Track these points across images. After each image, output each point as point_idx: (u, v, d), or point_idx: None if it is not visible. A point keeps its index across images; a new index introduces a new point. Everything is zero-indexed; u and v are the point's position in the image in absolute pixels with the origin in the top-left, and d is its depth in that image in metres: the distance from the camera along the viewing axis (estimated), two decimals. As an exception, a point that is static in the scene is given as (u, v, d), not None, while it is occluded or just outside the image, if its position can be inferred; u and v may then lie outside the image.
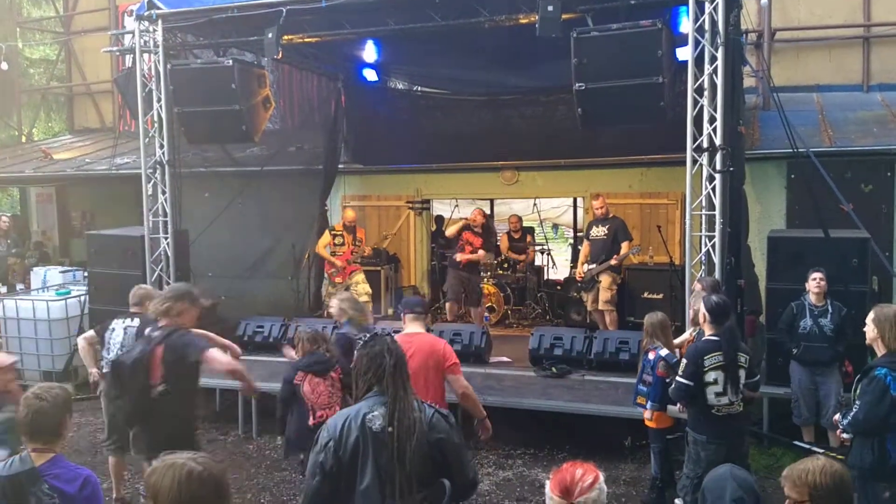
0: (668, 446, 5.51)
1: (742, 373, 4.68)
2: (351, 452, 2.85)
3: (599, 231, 8.68)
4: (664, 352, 5.28)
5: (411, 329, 4.72)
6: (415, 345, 4.50)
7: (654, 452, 5.59)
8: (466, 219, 9.57)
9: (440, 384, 4.59)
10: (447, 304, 9.58)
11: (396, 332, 6.61)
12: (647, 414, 5.46)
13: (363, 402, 2.94)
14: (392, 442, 2.82)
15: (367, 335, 3.11)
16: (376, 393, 2.93)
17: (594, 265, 8.61)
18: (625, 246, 8.51)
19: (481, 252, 9.42)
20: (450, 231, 9.79)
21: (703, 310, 4.77)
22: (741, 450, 4.80)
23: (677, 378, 4.74)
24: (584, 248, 8.92)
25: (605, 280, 8.52)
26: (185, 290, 4.61)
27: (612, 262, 8.46)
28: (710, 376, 4.60)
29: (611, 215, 8.79)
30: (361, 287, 9.36)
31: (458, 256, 9.28)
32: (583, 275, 8.77)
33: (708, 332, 4.73)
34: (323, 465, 2.86)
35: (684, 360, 4.74)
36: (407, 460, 2.82)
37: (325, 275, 9.81)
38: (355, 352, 3.07)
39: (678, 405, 5.07)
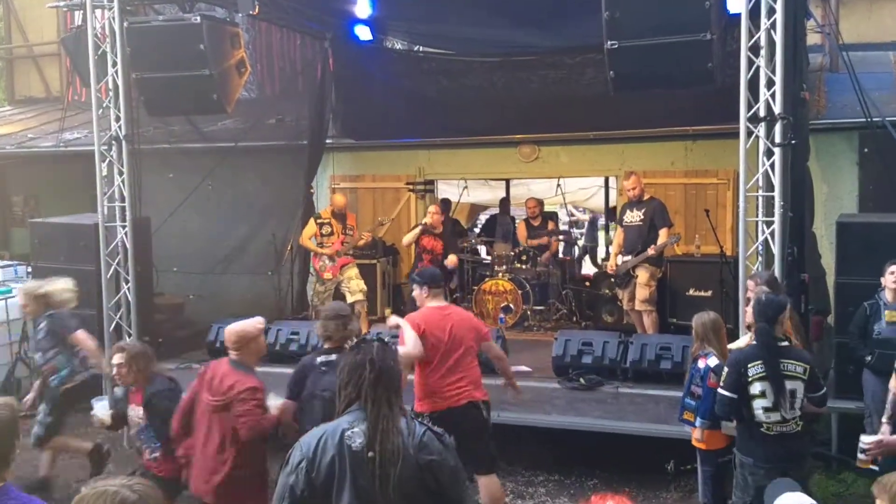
0: (721, 471, 5.51)
1: (800, 385, 4.65)
2: (325, 474, 2.89)
3: (634, 216, 8.65)
4: (714, 361, 5.27)
5: (437, 303, 5.54)
6: (453, 316, 5.48)
7: (703, 478, 5.59)
8: (424, 223, 9.62)
9: (476, 353, 5.56)
10: None
11: (394, 337, 6.67)
12: (695, 433, 5.46)
13: (344, 418, 2.98)
14: (374, 468, 2.85)
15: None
16: (358, 407, 2.97)
17: (629, 256, 8.60)
18: (663, 234, 8.49)
19: (452, 257, 9.57)
20: (406, 239, 9.79)
21: (751, 312, 4.82)
22: (799, 475, 4.77)
23: (719, 390, 4.76)
24: (618, 236, 8.91)
25: (641, 275, 8.50)
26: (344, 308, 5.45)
27: (650, 251, 8.43)
28: (756, 388, 4.59)
29: (646, 197, 8.76)
30: (355, 283, 9.37)
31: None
32: (616, 267, 8.75)
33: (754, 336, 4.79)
34: (293, 488, 2.90)
35: (725, 368, 4.77)
36: (391, 488, 2.85)
37: (312, 270, 9.83)
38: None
39: (734, 423, 5.08)
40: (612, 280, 9.03)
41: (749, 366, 4.61)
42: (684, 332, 7.96)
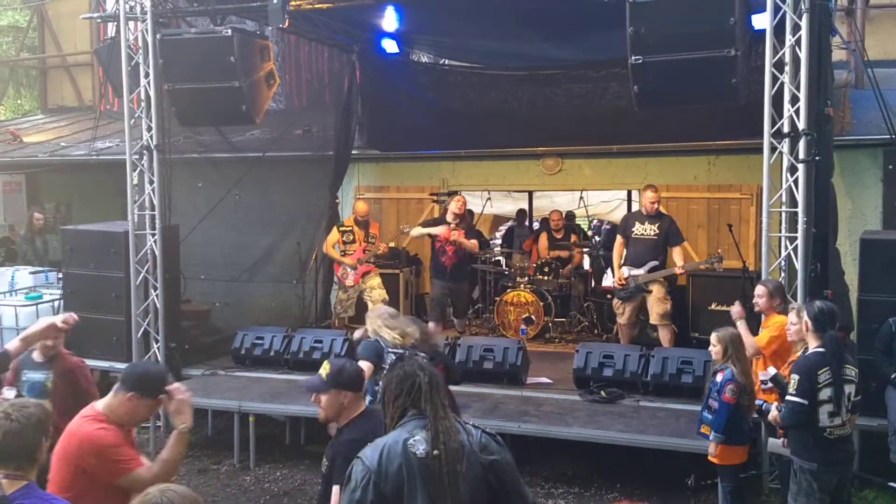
0: (742, 486, 5.49)
1: (853, 388, 4.76)
2: (394, 484, 2.91)
3: (647, 229, 8.51)
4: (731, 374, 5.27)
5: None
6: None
7: (723, 493, 5.57)
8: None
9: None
10: (431, 325, 9.28)
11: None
12: (710, 448, 5.44)
13: (400, 429, 3.01)
14: (440, 467, 2.89)
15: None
16: (413, 416, 3.01)
17: (640, 270, 8.46)
18: (678, 251, 8.35)
19: (472, 241, 9.14)
20: (416, 231, 9.30)
21: (805, 320, 4.82)
22: (847, 475, 4.92)
23: (789, 397, 4.74)
24: (619, 247, 8.72)
25: (657, 290, 8.37)
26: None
27: (678, 270, 8.31)
28: (825, 394, 4.66)
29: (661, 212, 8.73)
30: (377, 293, 9.40)
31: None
32: (624, 281, 8.58)
33: (814, 345, 4.78)
34: (362, 502, 2.91)
35: (796, 376, 4.75)
36: (460, 486, 2.89)
37: (335, 277, 9.88)
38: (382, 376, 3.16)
39: (782, 440, 5.11)
40: (622, 293, 8.60)
41: (819, 372, 4.66)
42: (706, 346, 7.93)
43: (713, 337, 5.59)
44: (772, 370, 5.22)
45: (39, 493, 3.06)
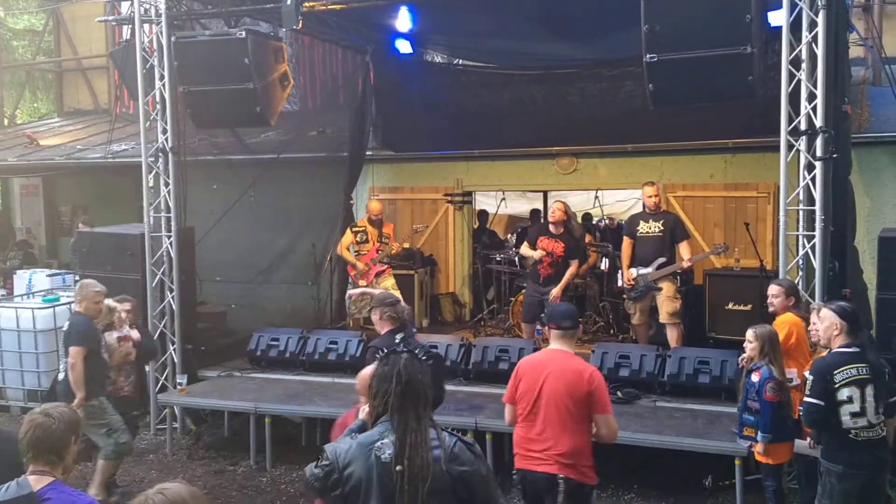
0: (784, 485, 5.48)
1: (871, 384, 4.70)
2: (353, 483, 2.91)
3: (652, 227, 8.48)
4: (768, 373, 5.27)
5: (555, 346, 4.64)
6: (552, 366, 4.49)
7: (768, 493, 5.56)
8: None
9: (582, 422, 4.47)
10: (523, 325, 9.30)
11: (433, 346, 6.53)
12: (758, 447, 5.42)
13: (375, 429, 3.00)
14: (402, 483, 2.85)
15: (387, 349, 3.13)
16: (387, 419, 2.99)
17: (648, 269, 8.43)
18: (685, 246, 8.36)
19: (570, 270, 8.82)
20: (526, 251, 9.07)
21: (834, 319, 4.76)
22: (878, 481, 4.85)
23: (805, 398, 4.75)
24: (627, 248, 8.67)
25: (667, 288, 8.32)
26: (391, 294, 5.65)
27: (685, 264, 8.29)
28: (844, 393, 4.63)
29: (663, 209, 8.73)
30: (391, 294, 9.40)
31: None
32: (633, 280, 8.51)
33: (840, 343, 4.75)
34: (322, 488, 2.96)
35: (810, 377, 4.75)
36: (419, 502, 2.85)
37: (350, 278, 9.90)
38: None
39: (808, 441, 5.12)
40: (632, 293, 8.57)
41: (835, 372, 4.64)
42: (723, 346, 7.91)
43: (750, 333, 5.52)
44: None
45: (64, 489, 3.22)
